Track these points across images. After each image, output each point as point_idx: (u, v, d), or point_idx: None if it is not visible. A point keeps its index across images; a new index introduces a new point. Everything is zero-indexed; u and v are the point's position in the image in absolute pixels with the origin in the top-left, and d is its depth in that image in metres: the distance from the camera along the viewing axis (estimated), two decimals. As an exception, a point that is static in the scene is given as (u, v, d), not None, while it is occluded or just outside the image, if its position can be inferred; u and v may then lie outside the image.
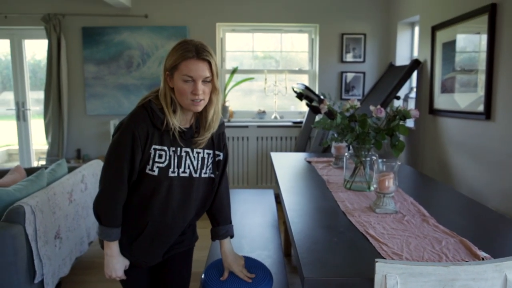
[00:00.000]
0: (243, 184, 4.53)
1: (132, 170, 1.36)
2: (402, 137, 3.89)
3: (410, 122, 3.87)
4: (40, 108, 4.66)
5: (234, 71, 4.54)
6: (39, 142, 4.93)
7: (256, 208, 2.80)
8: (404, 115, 1.91)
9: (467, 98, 2.92)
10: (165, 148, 1.37)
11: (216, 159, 1.51)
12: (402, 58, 4.22)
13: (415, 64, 3.63)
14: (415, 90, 3.86)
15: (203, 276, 1.60)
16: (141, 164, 1.36)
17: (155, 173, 1.36)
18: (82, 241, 2.71)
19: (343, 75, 4.46)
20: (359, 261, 1.24)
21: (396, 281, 1.04)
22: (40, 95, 4.65)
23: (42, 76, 4.68)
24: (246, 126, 4.43)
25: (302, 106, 4.67)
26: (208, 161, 1.48)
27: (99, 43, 4.34)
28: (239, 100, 4.76)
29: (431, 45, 3.43)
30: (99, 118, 4.49)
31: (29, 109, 4.61)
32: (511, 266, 1.06)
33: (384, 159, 1.71)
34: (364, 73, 4.46)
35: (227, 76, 4.58)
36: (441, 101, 3.29)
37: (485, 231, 1.50)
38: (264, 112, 4.62)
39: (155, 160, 1.36)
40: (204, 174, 1.47)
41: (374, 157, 1.91)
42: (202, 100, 1.34)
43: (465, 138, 2.95)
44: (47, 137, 4.43)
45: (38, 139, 4.87)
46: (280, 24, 4.46)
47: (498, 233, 1.49)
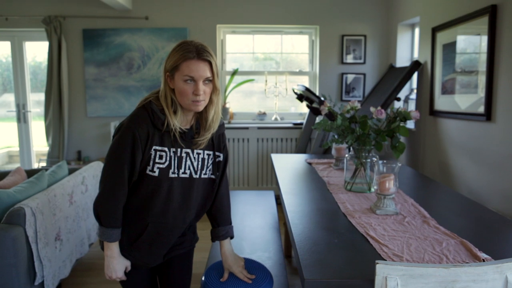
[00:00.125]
0: (244, 186, 4.53)
1: (132, 171, 1.36)
2: (402, 139, 3.89)
3: (410, 124, 3.88)
4: (40, 110, 4.67)
5: (234, 72, 4.54)
6: (40, 144, 4.93)
7: (257, 210, 2.80)
8: (404, 116, 1.91)
9: (468, 100, 2.92)
10: (166, 149, 1.37)
11: (216, 160, 1.51)
12: (402, 60, 4.22)
13: (416, 65, 3.64)
14: (415, 91, 3.86)
15: (203, 278, 1.60)
16: (142, 165, 1.36)
17: (156, 174, 1.37)
18: (83, 243, 2.71)
19: (344, 76, 4.46)
20: (360, 262, 1.23)
21: (397, 282, 1.04)
22: (40, 97, 4.66)
23: (43, 78, 4.69)
24: (247, 128, 4.43)
25: (303, 108, 4.67)
26: (208, 162, 1.48)
27: (99, 45, 4.35)
28: (240, 102, 4.76)
29: (431, 47, 3.43)
30: (99, 120, 4.49)
31: (30, 111, 4.62)
32: (512, 267, 1.06)
33: (384, 161, 1.71)
34: (364, 74, 4.46)
35: (228, 77, 4.59)
36: (442, 102, 3.29)
37: (486, 233, 1.50)
38: (264, 113, 4.63)
39: (156, 161, 1.36)
40: (204, 175, 1.47)
41: (374, 159, 1.92)
42: (203, 101, 1.35)
43: (465, 140, 2.95)
44: (47, 138, 4.43)
45: (39, 141, 4.87)
46: (280, 25, 4.46)
47: (498, 235, 1.49)
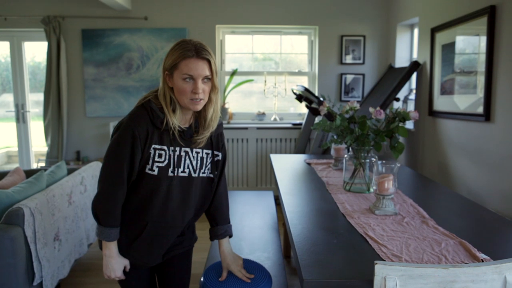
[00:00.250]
0: (243, 186, 4.53)
1: (131, 169, 1.36)
2: (401, 139, 3.89)
3: (409, 124, 3.89)
4: (39, 110, 4.66)
5: (233, 73, 4.54)
6: (39, 144, 4.93)
7: (256, 210, 2.80)
8: (403, 116, 1.91)
9: (467, 100, 2.92)
10: (165, 147, 1.37)
11: (215, 159, 1.52)
12: (401, 60, 4.22)
13: (415, 66, 3.64)
14: (414, 92, 3.86)
15: (202, 278, 1.60)
16: (141, 164, 1.36)
17: (155, 172, 1.36)
18: (81, 243, 2.71)
19: (343, 77, 4.46)
20: (359, 263, 1.23)
21: (396, 283, 1.04)
22: (39, 97, 4.65)
23: (42, 78, 4.68)
24: (246, 128, 4.43)
25: (302, 108, 4.67)
26: (207, 161, 1.48)
27: (98, 45, 4.34)
28: (239, 102, 4.76)
29: (430, 47, 3.43)
30: (98, 120, 4.49)
31: (29, 111, 4.61)
32: (511, 268, 1.06)
33: (383, 161, 1.71)
34: (363, 75, 4.46)
35: (227, 78, 4.59)
36: (441, 102, 3.30)
37: (485, 233, 1.50)
38: (263, 114, 4.63)
39: (155, 159, 1.36)
40: (202, 174, 1.47)
41: (373, 159, 1.92)
42: (202, 99, 1.35)
43: (464, 140, 2.95)
44: (46, 139, 4.43)
45: (38, 141, 4.87)
46: (279, 26, 4.46)
47: (497, 235, 1.49)
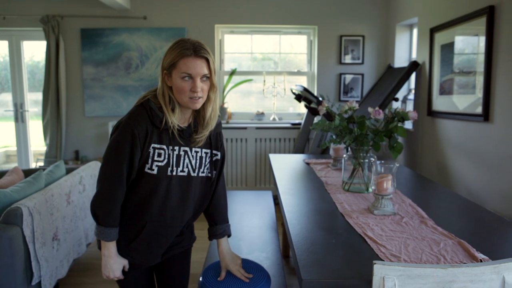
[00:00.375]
0: (242, 186, 4.53)
1: (131, 169, 1.35)
2: (400, 139, 3.89)
3: (408, 124, 3.89)
4: (38, 109, 4.65)
5: (232, 72, 4.54)
6: (37, 143, 4.91)
7: (255, 210, 2.80)
8: (402, 117, 1.91)
9: (466, 100, 2.93)
10: (164, 146, 1.37)
11: (214, 159, 1.52)
12: (400, 60, 4.23)
13: (414, 66, 3.64)
14: (413, 92, 3.86)
15: (201, 278, 1.60)
16: (140, 163, 1.36)
17: (154, 172, 1.36)
18: (80, 243, 2.70)
19: (342, 76, 4.46)
20: (357, 263, 1.23)
21: (394, 283, 1.04)
22: (38, 96, 4.64)
23: (41, 78, 4.68)
24: (245, 128, 4.43)
25: (301, 108, 4.67)
26: (206, 160, 1.48)
27: (97, 44, 4.34)
28: (238, 102, 4.76)
29: (429, 47, 3.43)
30: (97, 120, 4.48)
31: (27, 110, 4.60)
32: (509, 268, 1.06)
33: (382, 161, 1.71)
34: (362, 74, 4.47)
35: (226, 77, 4.58)
36: (440, 103, 3.30)
37: (483, 233, 1.50)
38: (262, 113, 4.62)
39: (154, 158, 1.36)
40: (202, 173, 1.48)
41: (372, 159, 1.92)
42: (200, 98, 1.35)
43: (463, 140, 2.96)
44: (45, 138, 4.42)
45: (36, 141, 4.86)
46: (278, 25, 4.46)
47: (496, 235, 1.49)
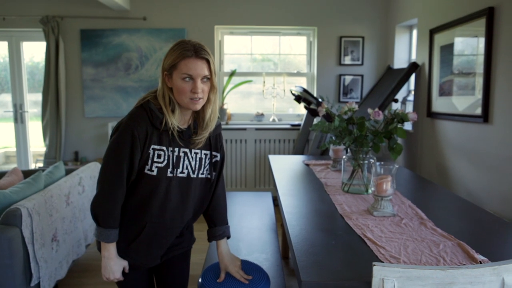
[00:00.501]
0: (241, 187, 4.52)
1: (131, 170, 1.35)
2: (400, 140, 3.89)
3: (408, 125, 3.89)
4: (38, 110, 4.65)
5: (232, 73, 4.54)
6: (37, 144, 4.91)
7: (254, 211, 2.79)
8: (402, 118, 1.91)
9: (465, 101, 2.93)
10: (164, 148, 1.37)
11: (213, 160, 1.52)
12: (400, 61, 4.23)
13: (413, 67, 3.64)
14: (413, 93, 3.86)
15: (200, 280, 1.60)
16: (140, 164, 1.36)
17: (154, 173, 1.36)
18: (79, 244, 2.70)
19: (341, 77, 4.46)
20: (357, 264, 1.23)
21: (394, 284, 1.04)
22: (38, 97, 4.64)
23: (40, 78, 4.67)
24: (244, 129, 4.43)
25: (300, 109, 4.67)
26: (205, 162, 1.48)
27: (97, 45, 4.34)
28: (237, 103, 4.76)
29: (429, 48, 3.44)
30: (97, 121, 4.48)
31: (27, 111, 4.60)
32: (509, 269, 1.06)
33: (382, 162, 1.71)
34: (362, 76, 4.47)
35: (226, 78, 4.58)
36: (439, 104, 3.30)
37: (483, 235, 1.50)
38: (262, 114, 4.62)
39: (154, 160, 1.36)
40: (201, 175, 1.48)
41: (372, 160, 1.92)
42: (201, 99, 1.35)
43: (463, 141, 2.96)
44: (44, 139, 4.42)
45: (36, 141, 4.85)
46: (278, 26, 4.46)
47: (496, 237, 1.49)
